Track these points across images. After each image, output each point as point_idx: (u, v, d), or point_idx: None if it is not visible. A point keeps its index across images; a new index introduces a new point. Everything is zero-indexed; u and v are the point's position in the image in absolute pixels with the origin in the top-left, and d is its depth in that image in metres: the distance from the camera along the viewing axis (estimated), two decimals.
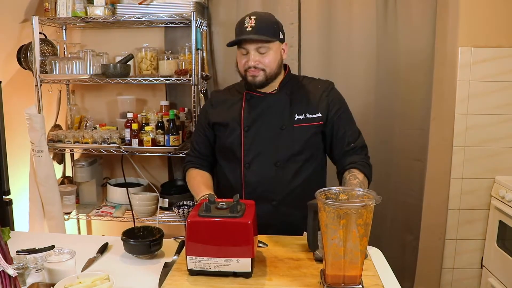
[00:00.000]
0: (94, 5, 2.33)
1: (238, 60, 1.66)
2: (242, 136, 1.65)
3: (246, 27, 1.57)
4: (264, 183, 1.64)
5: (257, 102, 1.68)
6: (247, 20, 1.58)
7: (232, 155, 1.68)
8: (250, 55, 1.59)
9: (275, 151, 1.64)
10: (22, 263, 1.30)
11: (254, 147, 1.65)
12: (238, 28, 1.61)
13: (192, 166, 1.78)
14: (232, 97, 1.75)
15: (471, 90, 2.49)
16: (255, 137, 1.65)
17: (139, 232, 1.55)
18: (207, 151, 1.79)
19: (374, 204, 1.09)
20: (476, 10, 2.41)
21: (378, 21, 2.42)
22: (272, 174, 1.63)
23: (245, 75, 1.63)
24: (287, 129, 1.64)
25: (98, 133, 2.39)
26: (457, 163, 2.55)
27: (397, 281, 1.30)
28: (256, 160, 1.64)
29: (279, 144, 1.64)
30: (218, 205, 1.26)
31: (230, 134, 1.68)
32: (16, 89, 2.40)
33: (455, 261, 2.66)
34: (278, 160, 1.63)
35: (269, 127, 1.65)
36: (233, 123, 1.68)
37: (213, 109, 1.76)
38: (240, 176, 1.66)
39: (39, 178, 2.33)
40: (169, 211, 2.47)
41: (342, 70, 2.47)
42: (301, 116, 1.65)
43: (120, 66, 2.32)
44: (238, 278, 1.21)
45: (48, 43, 2.50)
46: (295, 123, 1.64)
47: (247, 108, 1.68)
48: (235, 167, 1.68)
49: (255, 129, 1.65)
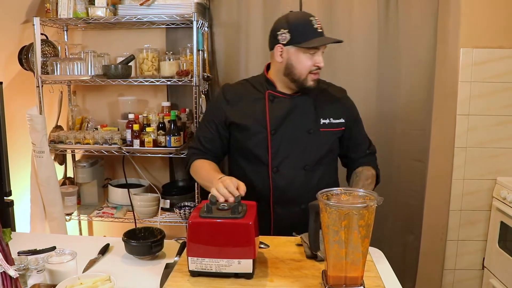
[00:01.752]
0: (95, 6, 2.33)
1: (301, 61, 1.56)
2: (269, 139, 1.62)
3: (317, 28, 1.54)
4: (294, 187, 1.62)
5: (282, 104, 1.64)
6: (315, 21, 1.55)
7: (255, 158, 1.64)
8: (320, 57, 1.56)
9: (303, 154, 1.62)
10: (24, 264, 1.30)
11: (282, 151, 1.62)
12: (307, 28, 1.54)
13: (198, 157, 1.70)
14: (249, 95, 1.69)
15: (472, 91, 2.49)
16: (283, 140, 1.62)
17: (140, 233, 1.55)
18: (216, 149, 1.72)
19: (375, 205, 1.09)
20: (477, 11, 2.41)
21: (380, 22, 2.42)
22: (302, 178, 1.62)
23: (305, 79, 1.58)
24: (314, 133, 1.63)
25: (100, 134, 2.39)
26: (459, 164, 2.55)
27: (399, 282, 1.30)
28: (285, 163, 1.62)
29: (307, 148, 1.62)
30: (219, 206, 1.26)
31: (253, 136, 1.63)
32: (18, 90, 2.40)
33: (457, 262, 2.66)
34: (306, 164, 1.62)
35: (296, 130, 1.63)
36: (256, 125, 1.63)
37: (229, 106, 1.68)
38: (268, 180, 1.63)
39: (40, 179, 2.33)
40: (171, 212, 2.47)
41: (343, 71, 2.47)
42: (326, 121, 1.65)
43: (121, 67, 2.32)
44: (240, 279, 1.21)
45: (50, 44, 2.51)
46: (321, 127, 1.64)
47: (272, 109, 1.63)
48: (261, 170, 1.64)
49: (282, 132, 1.62)
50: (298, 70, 1.58)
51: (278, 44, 1.59)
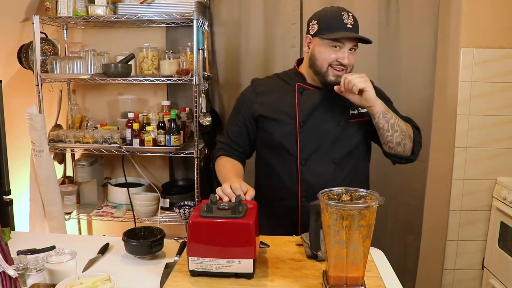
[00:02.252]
0: (95, 5, 2.32)
1: (323, 53, 1.53)
2: (298, 131, 1.59)
3: (347, 23, 1.50)
4: (322, 181, 1.55)
5: (311, 96, 1.61)
6: (346, 16, 1.51)
7: (283, 151, 1.62)
8: (345, 53, 1.51)
9: (332, 147, 1.60)
10: (23, 264, 1.29)
11: (311, 143, 1.59)
12: (335, 21, 1.52)
13: (223, 153, 1.69)
14: (279, 88, 1.67)
15: (473, 91, 2.48)
16: (312, 133, 1.59)
17: (140, 233, 1.54)
18: (243, 143, 1.70)
19: (377, 205, 1.09)
20: (478, 11, 2.41)
21: (380, 22, 2.42)
22: (331, 171, 1.60)
23: (326, 72, 1.54)
24: (344, 125, 1.60)
25: (99, 133, 2.39)
26: (459, 164, 2.55)
27: (399, 282, 1.30)
28: (313, 157, 1.59)
29: (337, 140, 1.60)
30: (219, 205, 1.26)
31: (281, 128, 1.61)
32: (17, 88, 2.39)
33: (457, 262, 2.66)
34: (336, 157, 1.60)
35: (325, 123, 1.60)
36: (285, 117, 1.61)
37: (259, 99, 1.66)
38: (296, 173, 1.60)
39: (39, 178, 2.32)
40: (170, 211, 2.46)
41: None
42: (355, 111, 1.61)
43: (121, 66, 2.32)
44: (240, 279, 1.21)
45: (49, 42, 2.50)
46: (350, 119, 1.61)
47: (301, 101, 1.61)
48: (289, 163, 1.61)
49: (310, 125, 1.59)
50: (319, 61, 1.55)
51: (307, 35, 1.60)
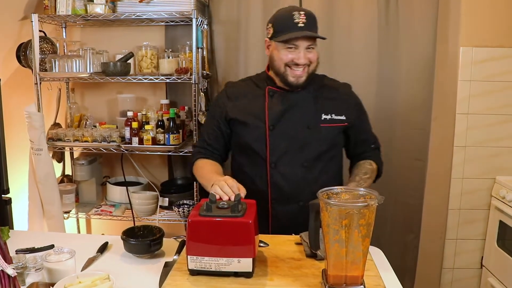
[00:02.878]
0: (94, 3, 2.32)
1: (279, 55, 1.55)
2: (267, 134, 1.60)
3: (298, 23, 1.51)
4: (292, 183, 1.60)
5: (281, 99, 1.62)
6: (297, 15, 1.52)
7: (254, 154, 1.63)
8: (300, 52, 1.53)
9: (301, 150, 1.61)
10: (22, 263, 1.29)
11: (280, 146, 1.60)
12: (286, 23, 1.53)
13: (201, 156, 1.70)
14: (251, 91, 1.69)
15: (472, 90, 2.48)
16: (281, 136, 1.60)
17: (139, 232, 1.54)
18: (219, 146, 1.72)
19: (376, 204, 1.09)
20: (477, 10, 2.41)
21: (380, 21, 2.42)
22: (300, 174, 1.61)
23: (285, 73, 1.56)
24: (314, 128, 1.61)
25: (98, 131, 2.38)
26: (458, 163, 2.55)
27: (399, 281, 1.30)
28: (283, 159, 1.60)
29: (306, 143, 1.61)
30: (219, 204, 1.25)
31: (252, 131, 1.62)
32: (16, 87, 2.39)
33: (455, 261, 2.66)
34: (305, 160, 1.61)
35: (295, 125, 1.61)
36: (255, 120, 1.62)
37: (231, 103, 1.68)
38: (266, 176, 1.62)
39: (38, 176, 2.32)
40: (169, 210, 2.46)
41: (344, 70, 2.46)
42: (328, 116, 1.62)
43: (120, 65, 2.31)
44: (239, 278, 1.21)
45: (48, 41, 2.49)
46: (322, 123, 1.61)
47: (271, 105, 1.62)
48: (259, 166, 1.62)
49: (280, 128, 1.60)
50: (276, 63, 1.58)
51: (266, 38, 1.62)
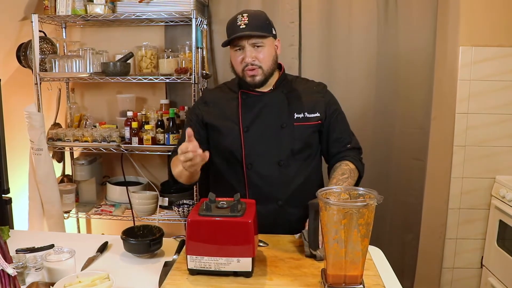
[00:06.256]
0: (94, 3, 2.32)
1: (233, 59, 1.63)
2: (242, 137, 1.63)
3: (240, 25, 1.55)
4: (268, 183, 1.62)
5: (254, 101, 1.66)
6: (240, 18, 1.57)
7: (231, 156, 1.65)
8: (246, 52, 1.57)
9: (277, 150, 1.63)
10: (22, 262, 1.30)
11: (256, 147, 1.62)
12: (231, 27, 1.58)
13: None
14: (225, 96, 1.72)
15: (471, 89, 2.48)
16: (256, 137, 1.63)
17: (139, 231, 1.55)
18: None
19: (375, 204, 1.09)
20: (476, 10, 2.41)
21: (379, 20, 2.42)
22: (276, 173, 1.62)
23: (243, 75, 1.61)
24: (288, 128, 1.63)
25: (98, 131, 2.39)
26: (458, 163, 2.55)
27: (398, 281, 1.30)
28: (259, 160, 1.62)
29: (281, 143, 1.63)
30: (218, 204, 1.26)
31: (227, 135, 1.65)
32: (16, 87, 2.39)
33: (455, 261, 2.66)
34: (281, 159, 1.62)
35: (269, 126, 1.64)
36: (230, 124, 1.65)
37: (207, 108, 1.71)
38: (243, 177, 1.64)
39: (38, 176, 2.32)
40: (169, 210, 2.47)
41: (343, 69, 2.47)
42: (300, 115, 1.64)
43: (120, 65, 2.31)
44: (239, 277, 1.21)
45: (48, 41, 2.49)
46: (295, 122, 1.64)
47: (244, 108, 1.66)
48: (236, 168, 1.65)
49: (254, 129, 1.63)
50: (234, 66, 1.65)
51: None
